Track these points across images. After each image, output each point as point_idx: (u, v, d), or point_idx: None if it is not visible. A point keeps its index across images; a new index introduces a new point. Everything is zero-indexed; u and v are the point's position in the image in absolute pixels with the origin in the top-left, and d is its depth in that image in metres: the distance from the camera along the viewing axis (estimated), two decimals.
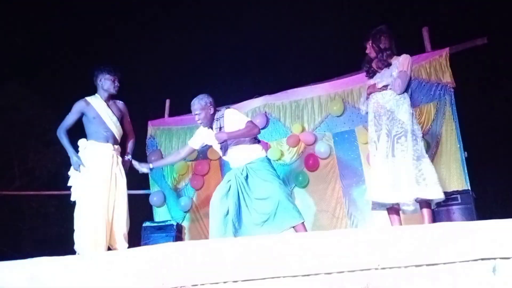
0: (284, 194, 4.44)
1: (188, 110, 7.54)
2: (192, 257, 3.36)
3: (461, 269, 2.93)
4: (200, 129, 4.90)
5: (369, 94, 4.40)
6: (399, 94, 4.18)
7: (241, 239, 3.39)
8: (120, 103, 5.00)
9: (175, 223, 6.72)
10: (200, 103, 4.64)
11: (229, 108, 4.75)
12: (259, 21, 7.57)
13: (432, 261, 2.97)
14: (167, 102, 7.78)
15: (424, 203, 4.09)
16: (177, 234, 6.66)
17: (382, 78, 4.31)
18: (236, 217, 4.45)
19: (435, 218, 4.91)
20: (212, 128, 4.70)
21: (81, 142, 4.77)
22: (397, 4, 6.33)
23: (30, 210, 8.67)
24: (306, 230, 4.31)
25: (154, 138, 7.50)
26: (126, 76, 5.04)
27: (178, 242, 4.47)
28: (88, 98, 4.82)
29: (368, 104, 4.40)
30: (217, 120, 4.64)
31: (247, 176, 4.54)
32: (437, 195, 4.03)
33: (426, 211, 4.09)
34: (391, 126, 4.15)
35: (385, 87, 4.26)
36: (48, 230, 8.02)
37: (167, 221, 6.77)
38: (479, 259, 2.93)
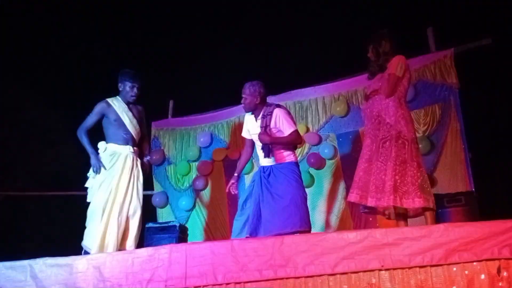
0: (300, 195, 4.42)
1: (191, 111, 7.61)
2: (194, 258, 3.35)
3: (465, 270, 2.92)
4: (246, 117, 4.90)
5: (366, 100, 4.40)
6: (388, 97, 4.13)
7: (243, 240, 3.38)
8: (139, 106, 5.01)
9: (178, 224, 6.69)
10: (250, 89, 4.65)
11: (280, 107, 4.71)
12: (262, 22, 7.55)
13: (436, 262, 2.96)
14: (171, 103, 7.77)
15: (426, 207, 4.01)
16: (180, 235, 6.63)
17: (374, 83, 4.31)
18: (256, 214, 4.44)
19: (439, 220, 4.91)
20: (254, 114, 4.72)
21: (101, 145, 4.80)
22: (402, 4, 6.30)
23: (33, 210, 8.67)
24: None
25: (158, 139, 7.49)
26: None
27: (181, 243, 4.45)
28: (109, 100, 4.84)
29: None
30: (263, 118, 4.61)
31: (269, 174, 4.54)
32: (414, 204, 3.93)
33: (428, 214, 4.05)
34: (378, 131, 4.13)
35: (375, 91, 4.24)
36: (51, 231, 8.01)
37: (170, 222, 6.74)
38: (484, 260, 2.92)
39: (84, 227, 4.74)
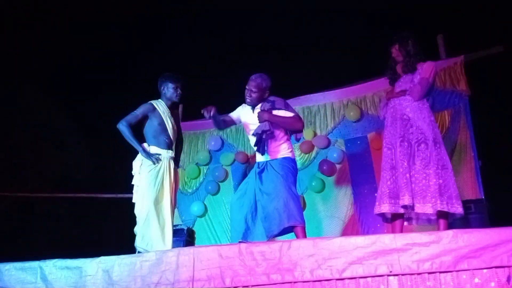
0: (288, 195, 4.25)
1: (200, 116, 7.62)
2: (202, 262, 3.35)
3: (476, 277, 2.90)
4: (243, 106, 4.75)
5: (388, 99, 4.35)
6: (417, 101, 4.13)
7: (252, 244, 3.37)
8: (176, 111, 5.01)
9: (185, 228, 6.71)
10: (260, 84, 4.48)
11: (278, 99, 4.54)
12: (271, 27, 7.58)
13: (445, 269, 2.94)
14: (180, 107, 7.78)
15: (442, 214, 4.00)
16: (188, 238, 6.64)
17: (403, 83, 4.27)
18: (250, 214, 4.37)
19: (448, 227, 4.88)
20: (253, 109, 4.57)
21: (144, 146, 4.70)
22: (412, 11, 6.30)
23: (42, 212, 8.72)
24: (305, 236, 4.16)
25: None
26: (138, 82, 5.04)
27: (189, 247, 4.46)
28: (153, 103, 4.80)
29: (387, 109, 4.37)
30: (265, 102, 4.48)
31: (263, 170, 4.43)
32: (459, 210, 3.95)
33: (442, 222, 4.02)
34: (410, 133, 4.09)
35: (403, 92, 4.21)
36: (59, 232, 8.06)
37: (177, 225, 6.75)
38: (493, 267, 2.89)
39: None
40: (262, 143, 4.40)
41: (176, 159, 4.91)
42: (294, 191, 4.35)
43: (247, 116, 4.66)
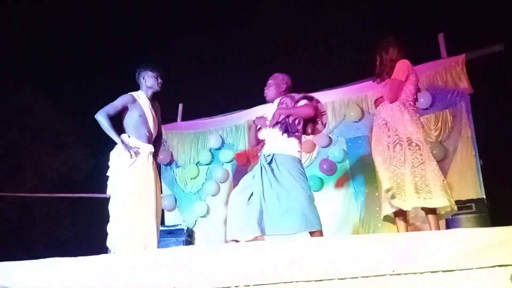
0: (306, 196, 4.21)
1: (200, 115, 7.61)
2: (203, 261, 3.33)
3: (478, 276, 2.88)
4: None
5: (376, 107, 4.41)
6: (391, 103, 4.14)
7: (252, 243, 3.35)
8: (157, 103, 4.85)
9: (185, 228, 6.69)
10: (278, 77, 4.58)
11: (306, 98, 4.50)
12: (271, 26, 7.57)
13: (448, 267, 2.92)
14: (180, 106, 7.78)
15: (429, 210, 3.99)
16: (187, 238, 6.63)
17: (381, 90, 4.32)
18: (260, 206, 4.26)
19: (449, 227, 4.87)
20: (273, 102, 4.59)
21: (124, 137, 4.53)
22: (413, 10, 6.30)
23: (40, 212, 8.72)
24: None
25: (166, 142, 7.49)
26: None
27: (189, 246, 4.44)
28: (134, 94, 4.66)
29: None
30: (280, 104, 4.48)
31: (271, 162, 4.33)
32: (440, 203, 3.91)
33: (431, 218, 4.00)
34: (388, 137, 4.11)
35: (381, 98, 4.26)
36: (57, 232, 8.05)
37: (177, 225, 6.74)
38: (496, 266, 2.87)
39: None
40: (281, 124, 4.37)
41: (154, 155, 4.71)
42: (309, 192, 4.30)
43: (269, 111, 4.65)
